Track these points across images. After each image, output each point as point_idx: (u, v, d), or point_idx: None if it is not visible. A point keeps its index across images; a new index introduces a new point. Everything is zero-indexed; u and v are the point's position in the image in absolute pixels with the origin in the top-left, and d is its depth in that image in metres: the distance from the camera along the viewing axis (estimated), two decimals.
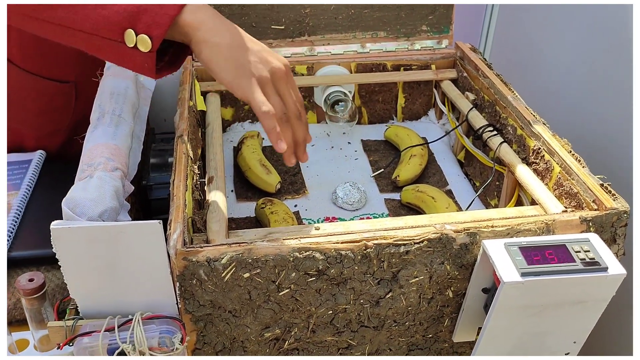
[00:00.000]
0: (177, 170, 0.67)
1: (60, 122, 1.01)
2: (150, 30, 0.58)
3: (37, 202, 0.93)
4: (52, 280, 0.89)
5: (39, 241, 0.86)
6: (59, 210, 0.94)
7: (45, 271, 0.89)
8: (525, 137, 0.77)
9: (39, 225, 0.89)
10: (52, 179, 0.99)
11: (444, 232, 0.59)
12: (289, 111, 0.64)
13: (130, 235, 0.55)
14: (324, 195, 0.86)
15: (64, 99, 1.00)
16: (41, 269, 0.88)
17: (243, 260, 0.56)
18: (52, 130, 1.02)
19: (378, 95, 1.01)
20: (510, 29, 1.39)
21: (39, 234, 0.88)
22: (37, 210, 0.91)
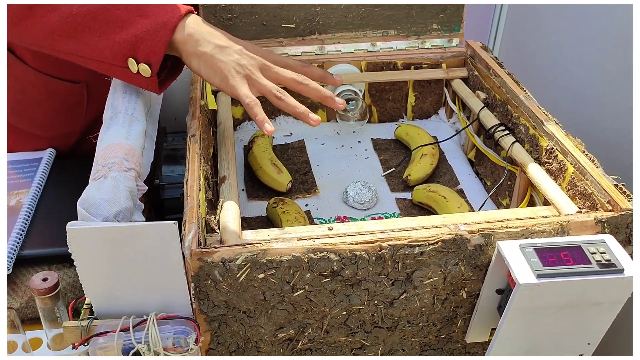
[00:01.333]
0: (190, 170, 0.67)
1: (73, 124, 1.02)
2: (149, 58, 0.66)
3: (48, 200, 0.93)
4: (64, 278, 0.89)
5: (50, 239, 0.87)
6: (70, 208, 0.94)
7: (57, 269, 0.89)
8: (537, 137, 0.77)
9: (50, 224, 0.89)
10: (63, 177, 0.99)
11: (458, 233, 0.59)
12: (287, 82, 0.70)
13: (146, 235, 0.55)
14: (334, 194, 0.86)
15: (76, 99, 1.00)
16: (53, 267, 0.88)
17: (258, 261, 0.56)
18: (65, 132, 1.02)
19: (388, 93, 1.01)
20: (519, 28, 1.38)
21: (51, 232, 0.88)
22: (48, 209, 0.92)
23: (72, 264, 0.90)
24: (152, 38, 0.66)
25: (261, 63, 0.70)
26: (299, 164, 0.92)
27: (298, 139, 0.98)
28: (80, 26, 0.68)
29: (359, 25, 0.97)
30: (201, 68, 0.69)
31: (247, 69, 0.68)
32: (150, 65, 0.67)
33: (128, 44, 0.67)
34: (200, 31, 0.68)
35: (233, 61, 0.68)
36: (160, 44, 0.66)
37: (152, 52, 0.66)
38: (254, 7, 0.93)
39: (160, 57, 0.67)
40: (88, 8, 0.67)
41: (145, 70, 0.67)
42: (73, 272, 0.89)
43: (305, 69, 0.75)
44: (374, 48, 0.99)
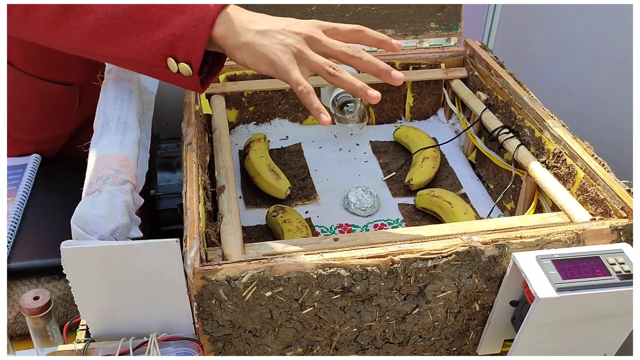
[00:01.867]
0: (189, 181, 0.64)
1: (62, 127, 0.98)
2: (188, 57, 0.63)
3: (34, 209, 0.89)
4: (54, 291, 0.86)
5: (38, 251, 0.83)
6: (58, 216, 0.90)
7: (45, 282, 0.86)
8: (544, 140, 0.75)
9: (37, 234, 0.85)
10: (49, 184, 0.95)
11: (472, 245, 0.57)
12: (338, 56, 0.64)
13: (146, 254, 0.52)
14: (335, 200, 0.84)
15: (67, 102, 0.96)
16: (42, 280, 0.85)
17: (265, 278, 0.53)
18: (53, 136, 0.98)
19: (386, 94, 0.99)
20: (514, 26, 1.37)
21: (38, 242, 0.84)
22: (35, 218, 0.88)
23: (62, 276, 0.87)
24: (190, 35, 0.63)
25: (308, 37, 0.64)
26: (297, 169, 0.89)
27: (294, 142, 0.95)
28: (117, 27, 0.65)
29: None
30: (245, 59, 0.64)
31: (294, 47, 0.63)
32: (190, 64, 0.63)
33: (166, 42, 0.63)
34: (239, 20, 0.64)
35: (277, 43, 0.64)
36: (200, 41, 0.63)
37: (191, 50, 0.63)
38: (247, 7, 0.89)
39: (200, 56, 0.63)
40: (123, 8, 0.64)
41: (186, 69, 0.63)
42: (63, 285, 0.85)
43: (357, 34, 0.68)
44: (371, 48, 0.96)
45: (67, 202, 0.92)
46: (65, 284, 0.85)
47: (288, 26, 0.65)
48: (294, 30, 0.64)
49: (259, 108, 0.96)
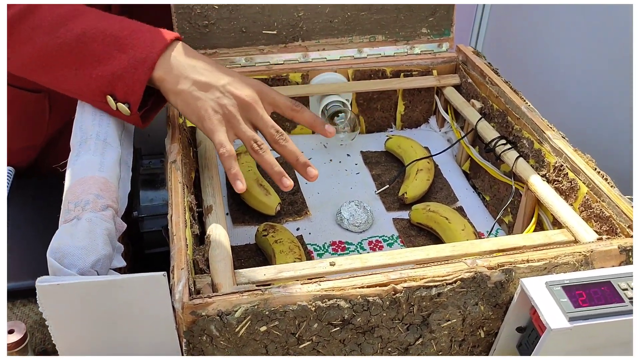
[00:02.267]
0: (174, 204, 0.60)
1: (33, 137, 0.93)
2: (127, 98, 0.62)
3: (9, 227, 0.84)
4: (30, 315, 0.81)
5: (13, 272, 0.78)
6: (32, 233, 0.85)
7: (21, 305, 0.81)
8: (544, 152, 0.73)
9: (12, 253, 0.80)
10: (22, 198, 0.91)
11: (477, 270, 0.54)
12: (267, 139, 0.64)
13: (130, 289, 0.48)
14: (327, 216, 0.80)
15: (37, 109, 0.91)
16: (17, 303, 0.80)
17: (259, 312, 0.50)
18: (24, 146, 0.93)
19: (377, 103, 0.95)
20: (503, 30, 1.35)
21: (13, 263, 0.79)
22: (8, 237, 0.83)
23: None
24: (129, 76, 0.61)
25: (245, 103, 0.64)
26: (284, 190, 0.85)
27: None
28: (55, 60, 0.63)
29: (345, 31, 0.91)
30: (178, 105, 0.63)
31: (227, 109, 0.62)
32: (129, 105, 0.62)
33: (105, 80, 0.62)
34: (181, 65, 0.63)
35: (212, 100, 0.62)
36: (139, 83, 0.61)
37: (129, 91, 0.62)
38: (232, 13, 0.85)
39: (138, 97, 0.62)
40: (64, 40, 0.62)
41: (124, 109, 0.63)
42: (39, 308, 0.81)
43: (293, 112, 0.68)
44: (361, 55, 0.93)
45: (43, 218, 0.88)
46: None
47: (229, 84, 0.63)
48: (232, 91, 0.63)
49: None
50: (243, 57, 0.88)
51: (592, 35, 1.14)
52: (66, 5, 0.64)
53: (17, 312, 0.80)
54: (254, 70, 0.88)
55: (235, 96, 0.63)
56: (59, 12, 0.63)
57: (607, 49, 1.10)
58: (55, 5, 0.64)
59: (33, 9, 0.63)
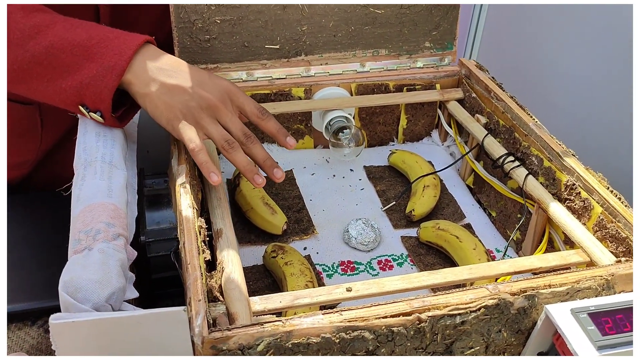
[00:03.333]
0: (186, 230, 0.58)
1: (26, 153, 0.90)
2: (97, 106, 0.63)
3: None
4: (27, 340, 0.79)
5: (8, 295, 0.76)
6: (27, 253, 0.83)
7: (16, 329, 0.79)
8: (554, 171, 0.72)
9: (7, 275, 0.78)
10: (16, 217, 0.88)
11: (501, 297, 0.53)
12: (235, 136, 0.66)
13: (148, 325, 0.46)
14: (334, 234, 0.79)
15: (29, 124, 0.89)
16: (12, 327, 0.78)
17: (282, 345, 0.48)
18: (17, 162, 0.90)
19: (379, 117, 0.94)
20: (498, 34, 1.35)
21: (8, 285, 0.77)
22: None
23: (34, 322, 0.79)
24: (97, 84, 0.62)
25: (213, 105, 0.65)
26: (291, 200, 0.84)
27: (285, 169, 0.90)
28: (27, 73, 0.64)
29: (348, 45, 0.89)
30: (147, 108, 0.65)
31: (195, 111, 0.64)
32: (100, 112, 0.64)
33: (74, 90, 0.63)
34: (149, 69, 0.64)
35: (180, 102, 0.63)
36: (107, 90, 0.62)
37: (98, 99, 0.63)
38: (235, 27, 0.84)
39: (108, 105, 0.63)
40: (32, 53, 0.63)
41: (97, 117, 0.64)
42: (36, 332, 0.78)
43: (258, 119, 0.69)
44: (364, 69, 0.91)
45: (37, 237, 0.85)
46: (38, 331, 0.78)
47: (197, 86, 0.64)
48: (200, 93, 0.64)
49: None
50: (245, 72, 0.87)
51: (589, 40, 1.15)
52: (38, 17, 0.64)
53: (13, 337, 0.77)
54: (256, 85, 0.87)
55: (203, 98, 0.64)
56: (29, 24, 0.64)
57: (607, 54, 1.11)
58: (27, 17, 0.64)
59: (8, 22, 0.63)
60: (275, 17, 0.85)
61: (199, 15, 0.81)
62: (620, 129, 1.09)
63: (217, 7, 0.82)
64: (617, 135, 1.11)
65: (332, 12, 0.87)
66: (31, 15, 0.64)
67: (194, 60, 0.84)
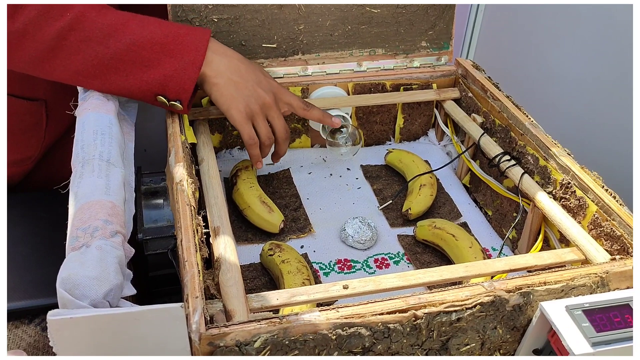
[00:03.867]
0: (184, 227, 0.58)
1: (30, 148, 0.91)
2: (179, 96, 0.71)
3: None
4: (24, 338, 0.79)
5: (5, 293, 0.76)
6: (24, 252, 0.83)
7: (13, 327, 0.79)
8: (550, 169, 0.73)
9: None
10: (14, 216, 0.88)
11: (496, 294, 0.53)
12: (277, 136, 0.78)
13: (146, 321, 0.46)
14: (331, 232, 0.79)
15: (34, 119, 0.89)
16: (9, 325, 0.78)
17: (279, 342, 0.48)
18: (20, 158, 0.91)
19: (376, 116, 0.95)
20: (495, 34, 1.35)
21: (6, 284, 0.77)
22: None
23: (32, 320, 0.79)
24: (180, 76, 0.70)
25: (266, 103, 0.76)
26: (288, 198, 0.84)
27: (282, 168, 0.90)
28: (106, 67, 0.69)
29: (345, 44, 0.90)
30: (213, 96, 0.74)
31: (254, 107, 0.75)
32: (181, 101, 0.71)
33: (157, 83, 0.70)
34: (219, 62, 0.73)
35: (242, 97, 0.74)
36: (190, 81, 0.70)
37: (182, 90, 0.70)
38: (232, 26, 0.84)
39: (190, 94, 0.71)
40: (114, 50, 0.68)
41: (177, 106, 0.72)
42: (33, 330, 0.78)
43: (304, 112, 0.81)
44: (361, 68, 0.92)
45: (35, 236, 0.85)
46: (35, 329, 0.78)
47: (256, 84, 0.75)
48: (258, 92, 0.75)
49: None
50: None
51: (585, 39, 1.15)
52: (110, 15, 0.69)
53: (10, 335, 0.78)
54: None
55: (260, 97, 0.75)
56: (105, 22, 0.69)
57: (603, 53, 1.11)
58: (100, 16, 0.69)
59: (81, 20, 0.68)
60: (272, 16, 0.85)
61: (197, 14, 0.82)
62: (616, 128, 1.10)
63: (214, 6, 0.82)
64: (612, 134, 1.11)
65: (328, 11, 0.87)
66: (103, 13, 0.69)
67: None
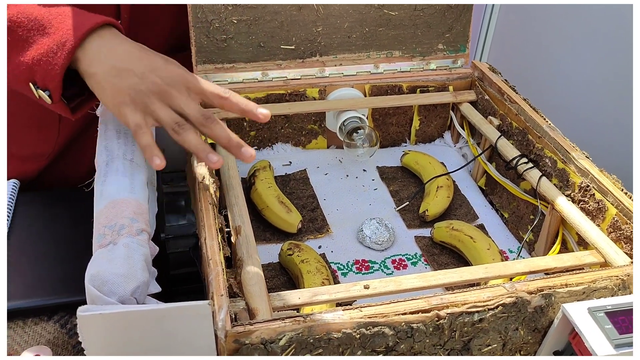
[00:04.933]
0: (207, 226, 0.59)
1: (45, 144, 0.92)
2: (46, 84, 0.60)
3: (16, 242, 0.82)
4: (43, 335, 0.80)
5: (24, 290, 0.77)
6: (42, 250, 0.83)
7: (33, 324, 0.79)
8: (568, 172, 0.73)
9: (22, 271, 0.79)
10: (30, 213, 0.89)
11: (518, 295, 0.53)
12: (193, 121, 0.61)
13: (173, 318, 0.47)
14: (348, 233, 0.79)
15: (48, 115, 0.90)
16: (28, 322, 0.78)
17: (303, 340, 0.49)
18: (35, 153, 0.92)
19: (392, 118, 0.95)
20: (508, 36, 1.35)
21: (24, 281, 0.78)
22: (17, 252, 0.81)
23: (51, 317, 0.80)
24: (48, 60, 0.59)
25: (164, 91, 0.60)
26: (305, 199, 0.84)
27: (299, 168, 0.91)
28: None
29: (363, 46, 0.90)
30: (93, 88, 0.61)
31: (145, 96, 0.59)
32: (49, 91, 0.60)
33: (26, 66, 0.60)
34: (101, 50, 0.60)
35: (129, 86, 0.59)
36: (57, 67, 0.58)
37: (48, 76, 0.59)
38: (251, 27, 0.85)
39: (57, 83, 0.59)
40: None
41: (45, 97, 0.61)
42: (52, 327, 0.79)
43: (221, 100, 0.62)
44: (378, 70, 0.92)
45: (51, 233, 0.86)
46: (54, 326, 0.79)
47: (150, 71, 0.60)
48: (152, 78, 0.60)
49: (260, 132, 0.91)
50: (260, 72, 0.87)
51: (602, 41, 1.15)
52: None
53: (29, 332, 0.78)
54: (271, 85, 0.88)
55: (154, 83, 0.60)
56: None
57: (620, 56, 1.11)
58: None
59: None
60: (291, 17, 0.86)
61: (216, 15, 0.82)
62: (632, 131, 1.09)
63: (234, 7, 0.83)
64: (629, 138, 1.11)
65: (347, 13, 0.87)
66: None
67: (210, 59, 0.85)
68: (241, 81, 0.87)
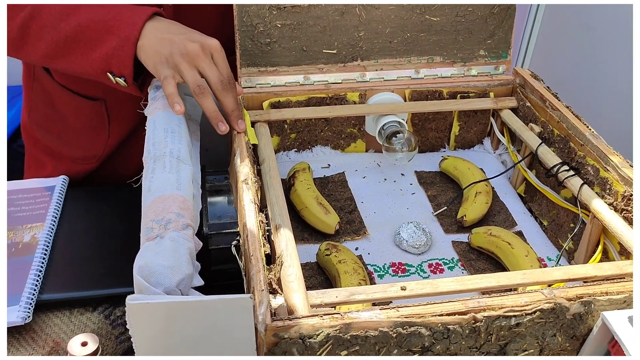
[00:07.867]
0: (249, 224, 0.61)
1: (95, 147, 0.96)
2: (122, 72, 0.73)
3: (64, 236, 0.86)
4: (88, 325, 0.83)
5: (70, 282, 0.80)
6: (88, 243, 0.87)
7: (78, 314, 0.82)
8: (611, 181, 0.72)
9: (68, 264, 0.82)
10: (77, 208, 0.92)
11: (557, 302, 0.53)
12: (212, 85, 0.72)
13: (216, 310, 0.48)
14: (385, 236, 0.80)
15: (99, 119, 0.95)
16: (74, 312, 0.81)
17: (341, 337, 0.50)
18: (86, 155, 0.96)
19: (431, 123, 0.95)
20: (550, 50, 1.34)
21: (71, 273, 0.81)
22: (65, 246, 0.84)
23: (95, 308, 0.83)
24: (119, 54, 0.72)
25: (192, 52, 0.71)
26: (343, 201, 0.86)
27: (337, 171, 0.92)
28: (64, 49, 0.74)
29: (404, 52, 0.91)
30: (141, 56, 0.72)
31: (176, 57, 0.71)
32: (124, 78, 0.73)
33: (102, 61, 0.73)
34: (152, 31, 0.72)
35: (166, 50, 0.71)
36: (128, 58, 0.72)
37: (122, 66, 0.72)
38: (294, 32, 0.86)
39: (130, 71, 0.72)
40: (65, 33, 0.73)
41: (121, 82, 0.74)
42: (97, 318, 0.82)
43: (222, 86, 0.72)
44: (418, 75, 0.93)
45: (98, 228, 0.89)
46: (99, 317, 0.82)
47: (184, 39, 0.71)
48: (184, 43, 0.71)
49: (300, 135, 0.93)
50: (302, 76, 0.89)
51: None
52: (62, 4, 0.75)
53: (75, 321, 0.81)
54: (312, 88, 0.89)
55: (185, 47, 0.71)
56: (58, 9, 0.74)
57: None
58: (53, 5, 0.74)
59: (39, 10, 0.75)
60: (334, 22, 0.87)
61: (261, 19, 0.84)
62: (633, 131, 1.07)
63: (278, 11, 0.85)
64: None
65: (388, 18, 0.88)
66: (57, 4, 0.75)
67: (254, 62, 0.87)
68: (283, 84, 0.88)
